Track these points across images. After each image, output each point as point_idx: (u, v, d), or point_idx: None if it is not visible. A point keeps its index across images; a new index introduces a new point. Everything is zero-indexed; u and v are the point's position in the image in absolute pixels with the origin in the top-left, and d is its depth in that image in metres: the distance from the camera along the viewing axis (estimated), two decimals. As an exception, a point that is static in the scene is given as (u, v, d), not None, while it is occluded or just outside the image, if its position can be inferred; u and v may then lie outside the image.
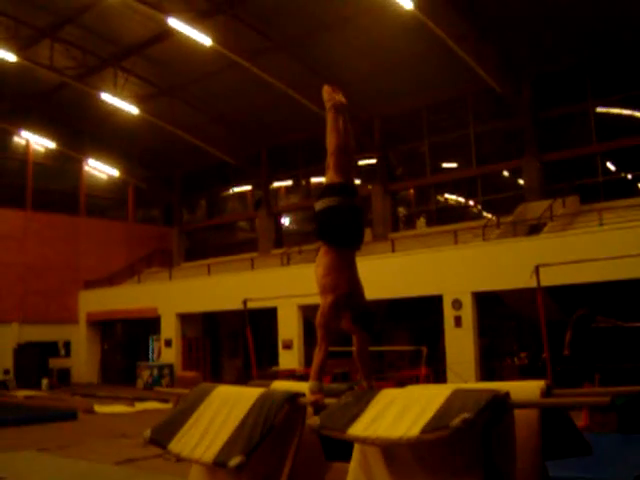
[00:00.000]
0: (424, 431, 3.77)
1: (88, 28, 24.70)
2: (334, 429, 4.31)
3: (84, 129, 32.37)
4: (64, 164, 33.02)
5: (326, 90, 5.69)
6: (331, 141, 5.46)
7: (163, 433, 5.11)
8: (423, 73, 24.22)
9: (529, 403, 4.11)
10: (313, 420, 4.51)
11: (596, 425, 11.50)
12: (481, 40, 21.88)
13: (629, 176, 23.91)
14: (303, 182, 31.19)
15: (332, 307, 4.94)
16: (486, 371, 20.00)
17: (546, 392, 4.15)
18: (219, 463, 4.58)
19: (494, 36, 22.34)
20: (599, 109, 23.52)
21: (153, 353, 30.12)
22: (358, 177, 29.40)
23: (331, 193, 5.24)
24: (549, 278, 14.46)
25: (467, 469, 3.88)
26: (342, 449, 4.74)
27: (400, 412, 4.07)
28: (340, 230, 5.17)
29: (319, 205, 5.26)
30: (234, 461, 4.44)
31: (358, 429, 4.14)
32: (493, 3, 21.20)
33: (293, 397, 4.77)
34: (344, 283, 5.03)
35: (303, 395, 4.83)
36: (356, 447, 4.54)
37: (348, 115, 5.69)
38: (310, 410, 4.79)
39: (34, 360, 28.85)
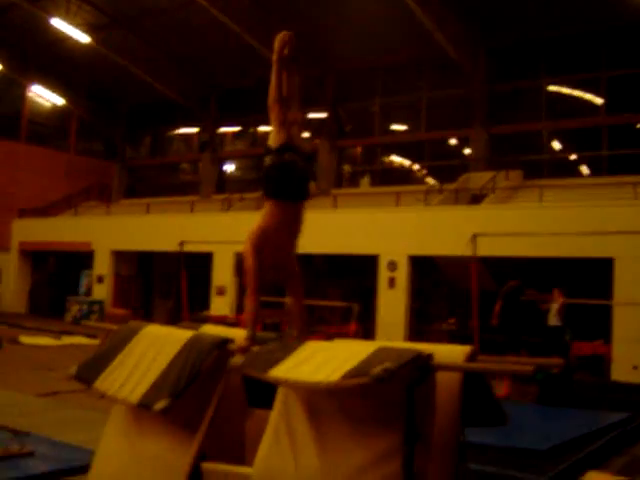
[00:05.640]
0: (345, 377, 3.82)
1: (44, -51, 23.94)
2: (256, 370, 4.35)
3: (31, 54, 31.35)
4: (8, 88, 32.08)
5: (279, 39, 5.37)
6: (269, 94, 5.33)
7: (89, 370, 5.07)
8: (382, 33, 24.05)
9: (453, 366, 4.18)
10: (236, 359, 4.53)
11: (517, 395, 11.81)
12: (443, 6, 21.82)
13: (573, 156, 24.30)
14: (251, 129, 30.96)
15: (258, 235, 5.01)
16: (415, 334, 20.28)
17: (470, 357, 4.22)
18: (144, 405, 4.58)
19: (456, 3, 22.28)
20: (551, 87, 23.75)
21: (83, 288, 29.79)
22: (306, 130, 29.30)
23: (274, 151, 5.18)
24: (485, 248, 14.72)
25: (387, 426, 3.94)
26: (265, 396, 4.76)
27: (323, 361, 4.11)
28: (289, 184, 5.12)
29: (268, 161, 5.19)
30: (159, 404, 4.44)
31: (280, 371, 4.18)
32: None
33: (222, 343, 4.77)
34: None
35: (232, 341, 4.84)
36: (278, 396, 4.56)
37: (296, 69, 5.51)
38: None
39: (-39, 285, 28.36)
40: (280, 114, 5.25)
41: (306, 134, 29.21)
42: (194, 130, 33.50)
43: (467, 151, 25.35)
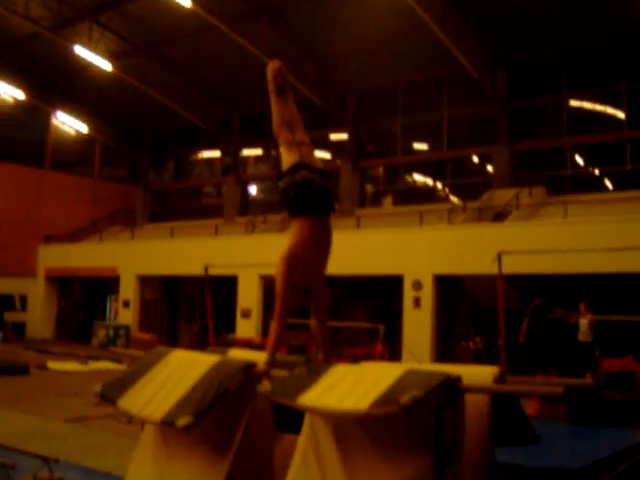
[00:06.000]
0: (373, 405, 3.79)
1: (66, -22, 24.29)
2: (284, 397, 4.33)
3: (55, 82, 31.84)
4: (33, 116, 32.53)
5: (271, 69, 5.36)
6: (273, 122, 5.34)
7: (114, 389, 5.06)
8: (402, 52, 24.15)
9: (481, 388, 4.14)
10: (264, 387, 4.51)
11: (546, 414, 11.67)
12: (462, 24, 21.87)
13: (596, 171, 24.15)
14: (273, 152, 31.08)
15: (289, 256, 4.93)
16: (441, 353, 20.18)
17: (499, 378, 4.18)
18: (167, 422, 4.54)
19: (474, 21, 22.32)
20: (572, 102, 23.67)
21: (110, 313, 29.94)
22: (328, 151, 29.38)
23: (287, 172, 5.17)
24: (510, 266, 14.59)
25: (416, 449, 3.91)
26: (294, 420, 4.75)
27: (351, 386, 4.09)
28: (309, 199, 5.08)
29: (282, 184, 5.17)
30: (182, 421, 4.40)
31: (308, 398, 4.16)
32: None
33: (250, 366, 4.76)
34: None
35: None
36: (306, 421, 4.55)
37: (290, 92, 5.51)
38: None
39: (-11, 312, 28.61)
40: (287, 137, 5.28)
41: (328, 155, 29.31)
42: (217, 154, 33.72)
43: (489, 168, 25.27)
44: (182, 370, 4.96)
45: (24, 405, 11.97)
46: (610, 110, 23.16)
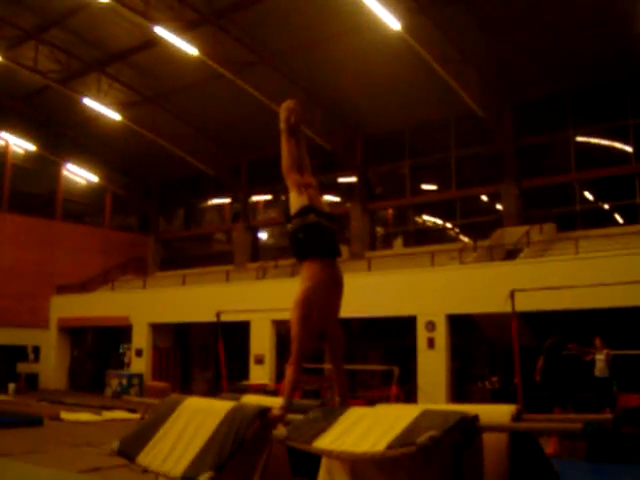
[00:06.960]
0: (390, 447, 3.74)
1: (74, 32, 24.62)
2: (300, 441, 4.28)
3: (65, 133, 32.17)
4: (43, 167, 32.76)
5: (285, 108, 5.49)
6: (283, 163, 5.43)
7: (131, 445, 5.03)
8: (408, 94, 24.33)
9: (499, 427, 4.09)
10: (280, 431, 4.47)
11: (564, 452, 11.52)
12: (466, 65, 22.03)
13: (606, 206, 24.11)
14: (282, 197, 31.19)
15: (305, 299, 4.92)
16: (457, 394, 19.99)
17: (516, 417, 4.14)
18: (188, 478, 4.51)
19: (478, 61, 22.48)
20: (579, 138, 23.73)
21: (123, 362, 29.85)
22: (337, 195, 29.46)
23: (296, 215, 5.21)
24: (524, 303, 14.52)
25: (435, 491, 3.86)
26: (309, 465, 4.69)
27: (367, 429, 4.04)
28: (319, 242, 5.11)
29: (291, 227, 5.21)
30: (203, 477, 4.37)
31: (324, 442, 4.11)
32: (478, 30, 21.36)
33: (264, 412, 4.72)
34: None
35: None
36: (323, 464, 4.50)
37: (302, 134, 5.58)
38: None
39: (1, 364, 28.50)
40: (297, 179, 5.33)
41: (337, 198, 29.38)
42: (226, 200, 33.85)
43: (499, 207, 25.26)
44: (198, 420, 4.92)
45: (38, 456, 11.89)
46: (617, 144, 23.20)
